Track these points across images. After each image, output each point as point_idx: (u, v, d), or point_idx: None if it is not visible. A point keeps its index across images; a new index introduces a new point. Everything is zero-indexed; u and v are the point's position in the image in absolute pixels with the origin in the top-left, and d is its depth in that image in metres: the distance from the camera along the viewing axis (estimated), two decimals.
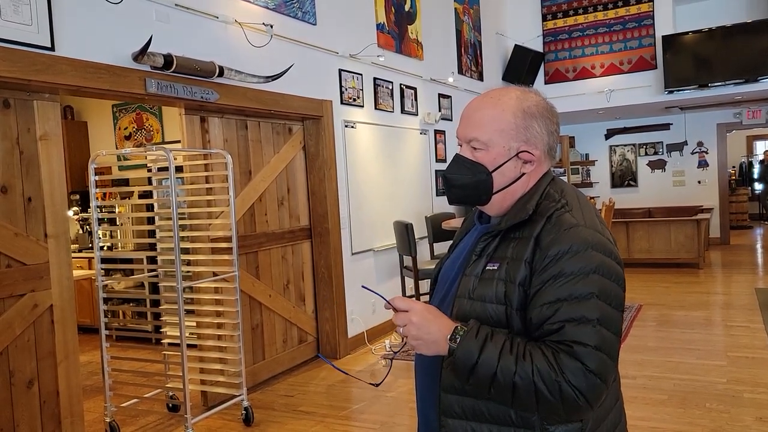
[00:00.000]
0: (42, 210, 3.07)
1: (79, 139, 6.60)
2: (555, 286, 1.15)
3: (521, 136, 1.27)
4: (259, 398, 4.18)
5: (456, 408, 1.25)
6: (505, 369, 1.11)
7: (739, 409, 3.57)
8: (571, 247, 1.16)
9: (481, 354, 1.13)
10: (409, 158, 6.28)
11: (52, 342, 3.11)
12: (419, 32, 6.43)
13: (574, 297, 1.13)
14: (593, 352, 1.11)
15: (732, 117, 10.05)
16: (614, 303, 1.17)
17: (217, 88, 3.86)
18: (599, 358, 1.11)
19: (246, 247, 4.34)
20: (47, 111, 3.09)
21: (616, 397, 1.32)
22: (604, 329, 1.13)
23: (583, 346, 1.11)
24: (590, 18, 8.75)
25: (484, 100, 1.31)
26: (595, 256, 1.16)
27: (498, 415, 1.21)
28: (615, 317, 1.16)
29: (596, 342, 1.12)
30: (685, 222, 8.43)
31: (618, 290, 1.19)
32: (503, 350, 1.13)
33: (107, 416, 3.60)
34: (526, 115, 1.27)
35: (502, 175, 1.28)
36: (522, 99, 1.28)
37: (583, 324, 1.12)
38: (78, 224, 6.44)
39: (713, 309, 6.16)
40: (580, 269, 1.15)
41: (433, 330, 1.17)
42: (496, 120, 1.27)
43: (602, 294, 1.15)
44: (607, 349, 1.13)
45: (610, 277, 1.17)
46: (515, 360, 1.12)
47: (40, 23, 2.92)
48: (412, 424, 3.61)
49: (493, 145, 1.27)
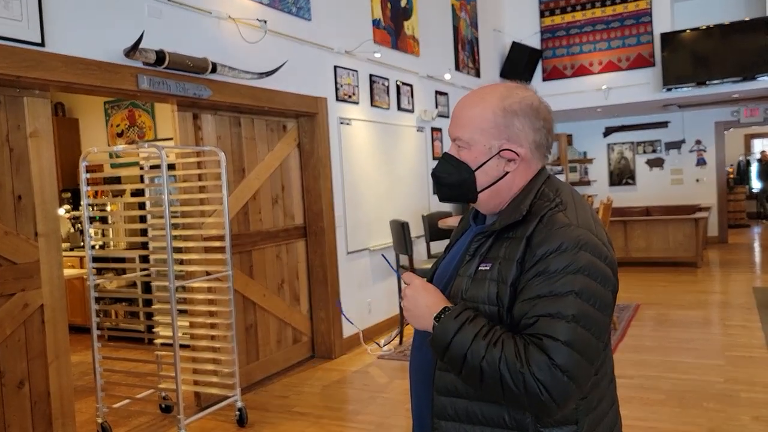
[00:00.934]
0: (32, 208, 3.03)
1: (70, 136, 6.53)
2: (537, 283, 1.14)
3: (502, 134, 1.26)
4: (253, 399, 4.14)
5: (449, 410, 1.25)
6: (475, 352, 1.12)
7: (736, 409, 3.55)
8: (560, 246, 1.15)
9: (456, 334, 1.15)
10: (406, 156, 6.24)
11: (43, 342, 3.07)
12: (416, 28, 6.39)
13: (554, 294, 1.12)
14: (562, 347, 1.08)
15: (730, 115, 10.03)
16: (598, 304, 1.14)
17: (210, 85, 3.82)
18: (569, 354, 1.09)
19: (240, 246, 4.30)
20: (37, 108, 3.05)
21: (612, 400, 1.31)
22: (580, 327, 1.11)
23: (553, 340, 1.09)
24: (588, 15, 8.71)
25: (469, 99, 1.32)
26: (583, 256, 1.14)
27: (491, 418, 1.20)
28: (596, 318, 1.13)
29: (567, 337, 1.09)
30: (683, 221, 8.40)
31: (604, 292, 1.16)
32: (478, 334, 1.14)
33: (99, 417, 3.57)
34: (507, 112, 1.26)
35: (485, 173, 1.28)
36: (505, 97, 1.27)
37: (558, 319, 1.10)
38: (69, 222, 6.39)
39: (711, 308, 6.14)
40: (565, 267, 1.13)
41: (421, 305, 1.23)
42: (477, 118, 1.27)
43: (583, 293, 1.12)
44: (580, 348, 1.10)
45: (596, 279, 1.15)
46: (486, 345, 1.12)
47: (30, 19, 2.87)
48: (407, 425, 3.58)
49: (474, 143, 1.28)
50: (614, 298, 1.20)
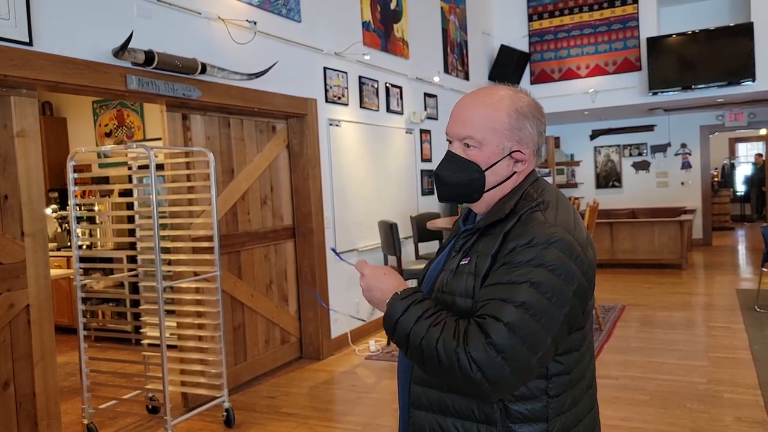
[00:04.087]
0: (19, 208, 3.01)
1: (57, 135, 6.49)
2: (500, 272, 1.17)
3: (514, 135, 1.28)
4: (241, 399, 4.14)
5: (423, 400, 1.28)
6: (416, 332, 1.15)
7: (718, 409, 3.59)
8: (530, 241, 1.17)
9: (402, 315, 1.18)
10: (395, 157, 6.26)
11: (29, 342, 3.05)
12: (405, 31, 6.41)
13: (511, 282, 1.14)
14: (502, 328, 1.09)
15: (714, 119, 10.16)
16: (555, 299, 1.13)
17: (199, 85, 3.81)
18: (507, 335, 1.08)
19: (228, 246, 4.30)
20: (25, 107, 3.03)
21: (591, 404, 1.32)
22: (528, 314, 1.10)
23: (495, 320, 1.10)
24: (576, 19, 8.78)
25: (477, 99, 1.31)
26: (551, 252, 1.15)
27: (462, 410, 1.22)
28: (548, 311, 1.12)
29: (510, 320, 1.09)
30: (668, 223, 8.49)
31: (564, 289, 1.14)
32: (422, 316, 1.16)
33: (85, 418, 3.55)
34: (520, 115, 1.28)
35: (495, 173, 1.30)
36: (515, 99, 1.30)
37: (506, 303, 1.11)
38: (56, 222, 6.35)
39: (695, 310, 6.21)
40: (529, 260, 1.15)
41: (375, 290, 1.26)
42: (491, 119, 1.28)
43: (540, 285, 1.12)
44: (522, 333, 1.09)
45: (559, 275, 1.14)
46: (428, 326, 1.15)
47: (17, 17, 2.85)
48: (394, 426, 3.59)
49: (487, 143, 1.28)
50: (582, 298, 1.18)
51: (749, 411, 3.56)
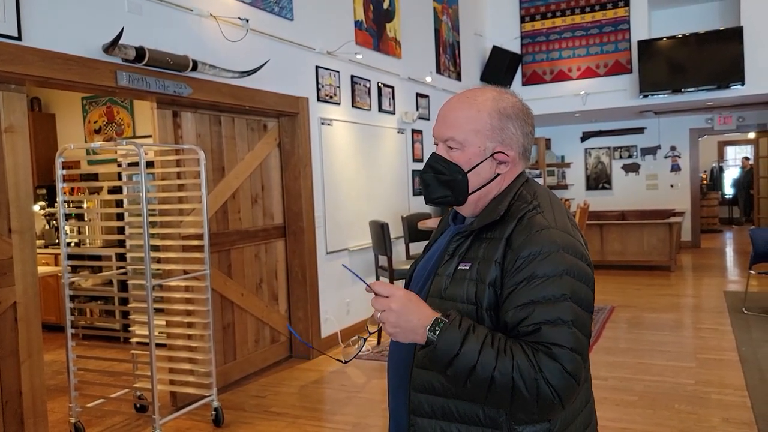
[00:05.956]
0: (6, 204, 2.98)
1: (46, 131, 6.44)
2: (528, 288, 1.15)
3: (497, 137, 1.28)
4: (230, 399, 4.12)
5: (426, 407, 1.26)
6: (485, 362, 1.10)
7: (706, 410, 3.62)
8: (542, 249, 1.17)
9: (462, 346, 1.11)
10: (386, 157, 6.25)
11: (15, 340, 3.02)
12: (397, 31, 6.41)
13: (548, 299, 1.14)
14: (570, 354, 1.12)
15: (704, 122, 10.25)
16: (584, 305, 1.18)
17: (190, 83, 3.79)
18: (575, 359, 1.13)
19: (218, 245, 4.28)
20: (13, 102, 3.00)
21: (587, 398, 1.33)
22: (578, 331, 1.15)
23: (561, 348, 1.12)
24: (568, 21, 8.81)
25: (461, 100, 1.31)
26: (565, 258, 1.17)
27: (467, 415, 1.22)
28: (585, 319, 1.19)
29: (572, 344, 1.13)
30: (657, 225, 8.54)
31: (588, 292, 1.20)
32: (485, 343, 1.12)
33: (72, 416, 3.52)
34: (502, 116, 1.28)
35: (477, 175, 1.29)
36: (498, 100, 1.29)
37: (559, 326, 1.13)
38: (44, 219, 6.29)
39: (684, 311, 6.25)
40: (552, 271, 1.15)
41: (412, 318, 1.15)
42: (472, 120, 1.27)
43: (574, 296, 1.16)
44: (581, 351, 1.15)
45: (580, 279, 1.18)
46: (496, 354, 1.11)
47: (6, 12, 2.83)
48: (383, 425, 3.59)
49: (468, 145, 1.28)
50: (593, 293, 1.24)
51: (736, 412, 3.58)
